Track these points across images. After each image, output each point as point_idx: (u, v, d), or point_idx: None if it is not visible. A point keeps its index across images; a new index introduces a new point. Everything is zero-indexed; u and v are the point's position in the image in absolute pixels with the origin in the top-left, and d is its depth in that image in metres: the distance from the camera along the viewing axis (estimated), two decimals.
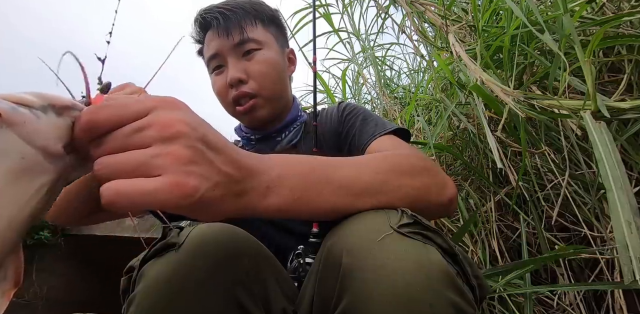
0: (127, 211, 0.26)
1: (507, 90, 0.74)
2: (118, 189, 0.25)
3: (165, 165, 0.26)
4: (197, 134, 0.28)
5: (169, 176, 0.26)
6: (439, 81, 1.22)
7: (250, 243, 0.45)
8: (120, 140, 0.26)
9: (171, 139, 0.26)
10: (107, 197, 0.25)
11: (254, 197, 0.33)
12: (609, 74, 0.88)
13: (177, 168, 0.26)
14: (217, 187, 0.29)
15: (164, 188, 0.25)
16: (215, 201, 0.29)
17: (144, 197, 0.25)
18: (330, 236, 0.41)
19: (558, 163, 0.83)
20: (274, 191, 0.34)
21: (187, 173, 0.26)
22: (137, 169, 0.25)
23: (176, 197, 0.26)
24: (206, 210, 0.30)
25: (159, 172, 0.26)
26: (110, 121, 0.26)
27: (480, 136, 0.95)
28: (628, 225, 0.49)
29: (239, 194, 0.32)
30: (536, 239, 0.89)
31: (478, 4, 1.01)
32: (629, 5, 0.81)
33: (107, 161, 0.26)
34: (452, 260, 0.38)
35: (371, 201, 0.40)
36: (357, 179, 0.40)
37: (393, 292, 0.34)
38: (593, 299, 0.82)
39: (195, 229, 0.43)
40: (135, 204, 0.25)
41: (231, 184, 0.31)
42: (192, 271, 0.38)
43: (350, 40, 1.71)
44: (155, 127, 0.26)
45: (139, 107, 0.27)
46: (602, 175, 0.54)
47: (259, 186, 0.33)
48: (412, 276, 0.34)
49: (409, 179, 0.44)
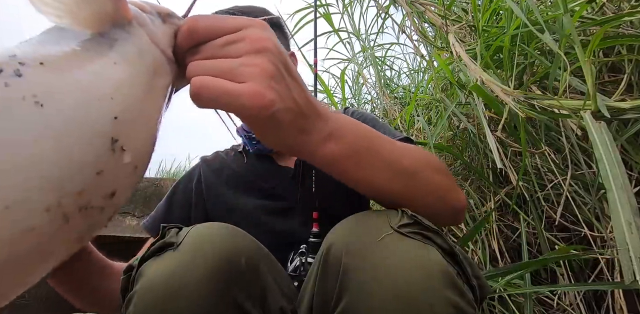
0: (208, 106, 0.28)
1: (507, 90, 0.74)
2: (206, 83, 0.27)
3: (252, 74, 0.28)
4: (282, 57, 0.30)
5: (252, 84, 0.28)
6: (439, 81, 1.22)
7: (248, 242, 0.45)
8: (215, 49, 0.29)
9: (260, 52, 0.28)
10: (194, 88, 0.27)
11: (316, 138, 0.34)
12: (609, 74, 0.88)
13: (261, 79, 0.28)
14: (288, 111, 0.31)
15: (245, 93, 0.27)
16: (284, 125, 0.31)
17: (225, 97, 0.27)
18: (331, 235, 0.41)
19: (558, 163, 0.83)
20: (333, 140, 0.36)
21: (268, 86, 0.28)
22: (226, 73, 0.28)
23: (253, 106, 0.28)
24: (272, 131, 0.32)
25: (244, 80, 0.28)
26: (209, 31, 0.29)
27: (480, 136, 0.95)
28: (628, 225, 0.49)
29: (303, 130, 0.33)
30: (536, 239, 0.89)
31: (478, 4, 1.01)
32: (629, 5, 0.81)
33: (201, 63, 0.28)
34: (452, 260, 0.38)
35: (403, 186, 0.41)
36: (400, 160, 0.41)
37: (393, 292, 0.34)
38: (593, 299, 0.82)
39: (193, 229, 0.44)
40: (216, 101, 0.27)
41: (299, 116, 0.32)
42: (190, 270, 0.38)
43: (350, 40, 1.71)
44: (247, 40, 0.28)
45: (234, 22, 0.30)
46: (602, 175, 0.54)
47: (322, 130, 0.35)
48: (412, 276, 0.34)
49: (439, 175, 0.44)
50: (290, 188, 0.71)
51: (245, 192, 0.73)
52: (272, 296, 0.44)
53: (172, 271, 0.38)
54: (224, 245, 0.41)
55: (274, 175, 0.73)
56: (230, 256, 0.40)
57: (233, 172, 0.76)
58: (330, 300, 0.38)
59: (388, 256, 0.36)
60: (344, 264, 0.37)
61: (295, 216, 0.69)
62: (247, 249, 0.43)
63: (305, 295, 0.43)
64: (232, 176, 0.75)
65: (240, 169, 0.76)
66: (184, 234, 0.42)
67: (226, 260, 0.40)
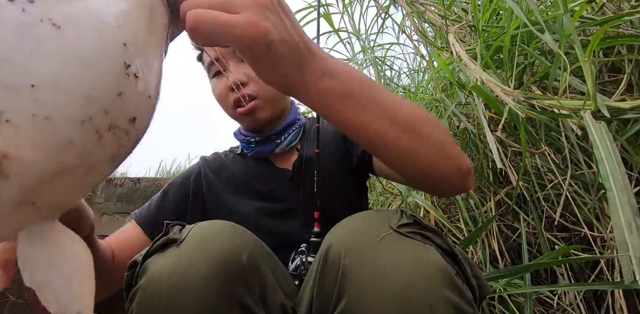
0: (206, 41, 0.29)
1: (507, 90, 0.74)
2: (202, 15, 0.27)
3: (246, 4, 0.28)
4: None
5: (247, 14, 0.28)
6: (439, 81, 1.22)
7: (250, 240, 0.45)
8: None
9: (250, 5, 0.28)
10: (190, 23, 0.27)
11: (312, 75, 0.34)
12: (609, 74, 0.88)
13: (255, 10, 0.28)
14: (284, 43, 0.31)
15: (241, 23, 0.28)
16: (280, 58, 0.31)
17: (223, 28, 0.27)
18: (330, 236, 0.42)
19: (558, 163, 0.83)
20: (329, 77, 0.35)
21: (263, 16, 0.29)
22: (219, 6, 0.28)
23: (250, 35, 0.28)
24: (269, 65, 0.32)
25: (238, 11, 0.28)
26: None
27: (480, 136, 0.95)
28: (628, 225, 0.49)
29: (299, 66, 0.33)
30: (536, 239, 0.89)
31: (478, 4, 1.01)
32: (629, 5, 0.81)
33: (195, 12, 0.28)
34: (452, 260, 0.38)
35: (404, 136, 0.38)
36: (398, 110, 0.39)
37: (392, 292, 0.34)
38: (593, 299, 0.82)
39: (196, 226, 0.44)
40: (213, 34, 0.28)
41: (295, 50, 0.32)
42: (192, 267, 0.39)
43: (350, 40, 1.71)
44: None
45: None
46: (602, 175, 0.54)
47: (317, 68, 0.34)
48: (412, 276, 0.35)
49: (439, 131, 0.42)
50: (289, 190, 0.71)
51: (244, 195, 0.73)
52: (273, 293, 0.44)
53: (175, 267, 0.39)
54: (226, 242, 0.42)
55: (273, 177, 0.73)
56: (232, 253, 0.41)
57: (232, 174, 0.76)
58: (330, 301, 0.38)
59: (387, 256, 0.36)
60: (343, 265, 0.37)
61: (295, 218, 0.69)
62: (249, 247, 0.44)
63: (305, 295, 0.43)
64: (231, 177, 0.75)
65: (239, 171, 0.76)
66: (187, 232, 0.43)
67: (228, 257, 0.40)
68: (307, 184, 0.69)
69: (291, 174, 0.72)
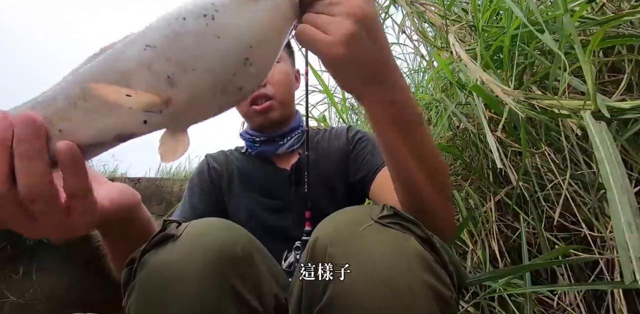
0: (304, 46, 0.39)
1: (507, 90, 0.74)
2: (304, 30, 0.37)
3: (335, 31, 0.36)
4: (367, 23, 0.37)
5: (332, 38, 0.36)
6: (439, 81, 1.22)
7: (243, 234, 0.47)
8: (322, 7, 0.37)
9: (349, 15, 0.36)
10: (297, 32, 0.38)
11: (374, 95, 0.42)
12: (609, 74, 0.88)
13: (340, 36, 0.36)
14: (356, 66, 0.39)
15: (324, 43, 0.36)
16: (348, 74, 0.40)
17: (312, 42, 0.37)
18: (317, 229, 0.44)
19: (558, 163, 0.83)
20: (386, 102, 0.43)
21: (343, 42, 0.36)
22: (320, 26, 0.37)
23: (327, 53, 0.37)
24: (340, 76, 0.41)
25: (330, 33, 0.36)
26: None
27: (480, 136, 0.95)
28: (628, 225, 0.49)
29: (367, 83, 0.41)
30: (536, 239, 0.89)
31: (478, 4, 1.01)
32: (629, 5, 0.81)
33: (312, 14, 0.38)
34: (430, 248, 0.41)
35: (425, 181, 0.46)
36: (431, 157, 0.47)
37: (373, 276, 0.38)
38: (593, 299, 0.82)
39: (192, 223, 0.46)
40: (307, 44, 0.38)
41: (365, 73, 0.40)
42: (189, 258, 0.41)
43: None
44: (343, 5, 0.36)
45: None
46: (602, 175, 0.54)
47: (376, 90, 0.42)
48: (392, 261, 0.38)
49: (447, 191, 0.51)
50: (286, 189, 0.78)
51: (247, 188, 0.80)
52: (266, 284, 0.46)
53: (173, 259, 0.41)
54: (221, 236, 0.44)
55: (272, 176, 0.80)
56: (226, 246, 0.43)
57: (237, 168, 0.84)
58: (318, 288, 0.40)
59: (369, 244, 0.39)
60: (329, 254, 0.40)
61: (289, 215, 0.75)
62: (242, 240, 0.46)
63: (296, 285, 0.45)
64: (235, 171, 0.83)
65: (243, 166, 0.84)
66: (183, 228, 0.45)
67: (223, 249, 0.42)
68: (302, 185, 0.75)
69: (289, 174, 0.79)
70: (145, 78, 0.31)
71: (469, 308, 0.86)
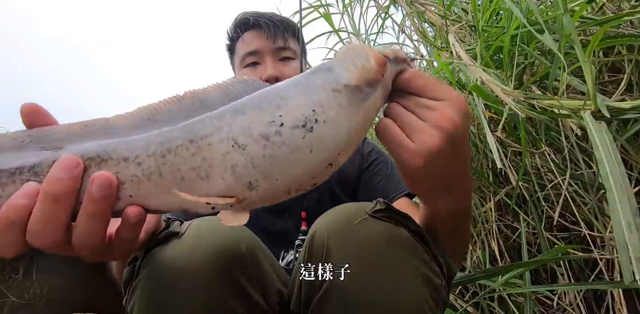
0: (381, 140, 0.37)
1: (507, 90, 0.74)
2: (388, 127, 0.36)
3: (419, 140, 0.35)
4: (454, 138, 0.35)
5: (414, 147, 0.35)
6: (439, 80, 1.22)
7: (247, 233, 0.48)
8: (414, 105, 0.36)
9: (438, 128, 0.34)
10: (380, 125, 0.37)
11: (438, 203, 0.43)
12: (609, 74, 0.88)
13: (422, 148, 0.35)
14: (428, 177, 0.38)
15: (404, 150, 0.35)
16: (421, 181, 0.39)
17: (392, 144, 0.36)
18: (314, 225, 0.45)
19: (558, 163, 0.83)
20: (443, 213, 0.45)
21: (422, 155, 0.35)
22: (405, 126, 0.36)
23: (402, 160, 0.36)
24: (409, 180, 0.40)
25: (413, 140, 0.35)
26: (422, 86, 0.36)
27: (480, 136, 0.95)
28: (628, 225, 0.49)
29: (434, 190, 0.41)
30: (536, 239, 0.89)
31: (478, 4, 1.01)
32: (629, 5, 0.81)
33: (399, 108, 0.37)
34: (421, 240, 0.43)
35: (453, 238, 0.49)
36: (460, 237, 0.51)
37: (366, 264, 0.40)
38: (593, 299, 0.82)
39: (196, 221, 0.47)
40: (386, 142, 0.37)
41: (436, 184, 0.40)
42: (194, 254, 0.41)
43: (350, 40, 1.71)
44: (438, 113, 0.35)
45: (443, 91, 0.36)
46: (602, 175, 0.54)
47: (446, 202, 0.43)
48: (384, 249, 0.40)
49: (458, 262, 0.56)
50: None
51: None
52: (270, 280, 0.47)
53: (177, 256, 0.41)
54: (225, 233, 0.45)
55: None
56: (230, 243, 0.43)
57: None
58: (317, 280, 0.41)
59: (364, 234, 0.41)
60: (327, 246, 0.42)
61: (289, 217, 0.75)
62: (247, 239, 0.46)
63: (296, 280, 0.46)
64: None
65: None
66: (187, 226, 0.45)
67: (227, 246, 0.43)
68: None
69: None
70: (227, 176, 0.30)
71: (469, 308, 0.86)
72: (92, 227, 0.29)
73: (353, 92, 0.33)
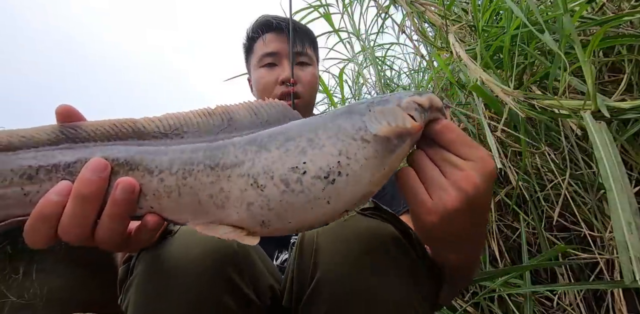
0: (402, 190, 0.36)
1: (507, 90, 0.74)
2: (410, 177, 0.36)
3: (439, 199, 0.34)
4: (474, 201, 0.34)
5: (432, 205, 0.34)
6: (439, 80, 1.22)
7: None
8: (441, 159, 0.35)
9: (460, 189, 0.33)
10: (402, 172, 0.36)
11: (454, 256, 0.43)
12: (609, 74, 0.88)
13: (441, 208, 0.34)
14: (441, 231, 0.37)
15: (421, 207, 0.35)
16: (436, 236, 0.39)
17: (410, 195, 0.35)
18: None
19: (558, 163, 0.83)
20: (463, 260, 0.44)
21: (440, 214, 0.34)
22: (426, 180, 0.35)
23: (420, 214, 0.36)
24: (429, 236, 0.40)
25: (433, 198, 0.34)
26: (451, 141, 0.35)
27: (480, 136, 0.95)
28: (628, 225, 0.49)
29: (445, 241, 0.41)
30: (536, 239, 0.89)
31: (478, 4, 1.01)
32: (629, 5, 0.81)
33: (424, 159, 0.36)
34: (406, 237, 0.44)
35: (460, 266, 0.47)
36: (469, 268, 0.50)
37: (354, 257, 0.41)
38: (593, 299, 0.82)
39: None
40: (404, 190, 0.36)
41: (450, 239, 0.39)
42: (187, 251, 0.42)
43: (350, 40, 1.71)
44: (463, 173, 0.34)
45: (473, 149, 0.35)
46: (602, 175, 0.54)
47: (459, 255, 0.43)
48: (371, 243, 0.42)
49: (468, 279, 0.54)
50: None
51: None
52: (262, 276, 0.47)
53: (170, 253, 0.42)
54: None
55: None
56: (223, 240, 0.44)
57: None
58: (307, 276, 0.42)
59: (352, 230, 0.43)
60: (317, 243, 0.43)
61: None
62: None
63: (288, 277, 0.47)
64: None
65: None
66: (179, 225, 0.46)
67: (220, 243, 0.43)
68: None
69: None
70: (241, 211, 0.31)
71: (468, 308, 0.86)
72: (113, 226, 0.32)
73: (382, 144, 0.32)
